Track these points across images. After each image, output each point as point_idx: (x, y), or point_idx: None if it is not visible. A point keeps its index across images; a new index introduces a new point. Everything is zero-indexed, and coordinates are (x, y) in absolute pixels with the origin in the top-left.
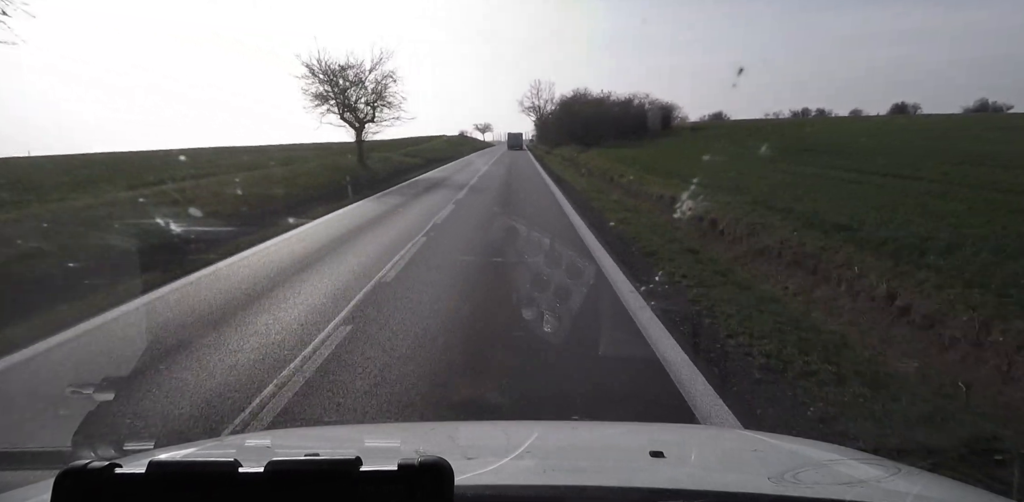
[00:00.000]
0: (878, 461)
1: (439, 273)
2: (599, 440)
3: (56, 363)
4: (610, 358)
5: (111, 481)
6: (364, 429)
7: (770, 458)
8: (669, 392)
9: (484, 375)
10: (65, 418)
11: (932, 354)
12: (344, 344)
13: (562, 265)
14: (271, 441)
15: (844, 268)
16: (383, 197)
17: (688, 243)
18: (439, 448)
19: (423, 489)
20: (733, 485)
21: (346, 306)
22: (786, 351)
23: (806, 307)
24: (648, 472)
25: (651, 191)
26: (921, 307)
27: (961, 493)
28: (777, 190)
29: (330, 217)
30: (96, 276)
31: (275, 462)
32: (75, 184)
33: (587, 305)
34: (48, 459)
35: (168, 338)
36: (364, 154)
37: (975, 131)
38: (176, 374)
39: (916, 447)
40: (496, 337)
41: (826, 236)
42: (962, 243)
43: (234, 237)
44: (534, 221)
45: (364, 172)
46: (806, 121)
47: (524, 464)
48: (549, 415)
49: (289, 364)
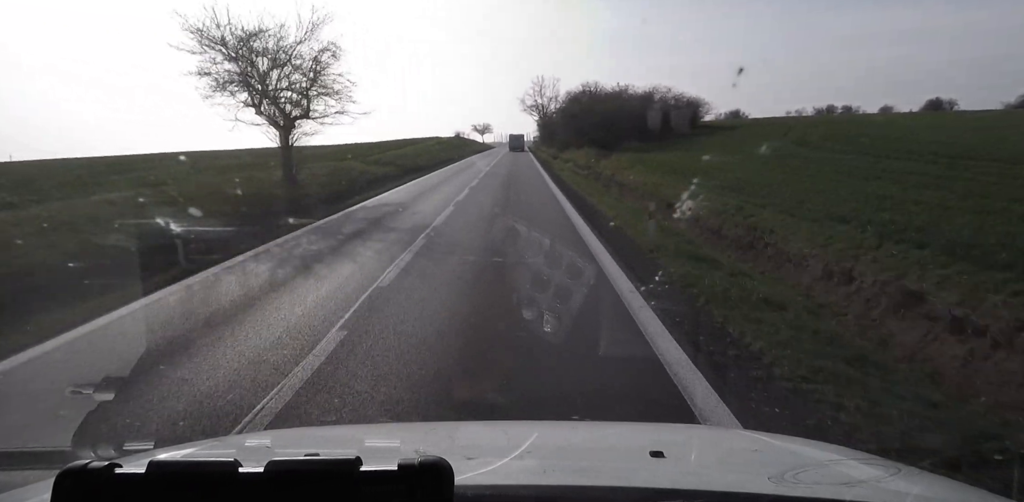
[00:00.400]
0: (878, 461)
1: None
2: (599, 440)
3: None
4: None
5: (111, 481)
6: (364, 429)
7: (770, 458)
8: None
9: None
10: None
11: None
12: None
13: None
14: (271, 441)
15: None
16: (248, 264)
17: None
18: (439, 448)
19: (423, 489)
20: (733, 485)
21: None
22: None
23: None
24: (648, 472)
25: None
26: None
27: (961, 493)
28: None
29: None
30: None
31: (275, 462)
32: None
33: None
34: (48, 459)
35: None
36: (294, 166)
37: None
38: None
39: (916, 447)
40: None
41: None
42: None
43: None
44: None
45: (283, 195)
46: (842, 117)
47: (524, 464)
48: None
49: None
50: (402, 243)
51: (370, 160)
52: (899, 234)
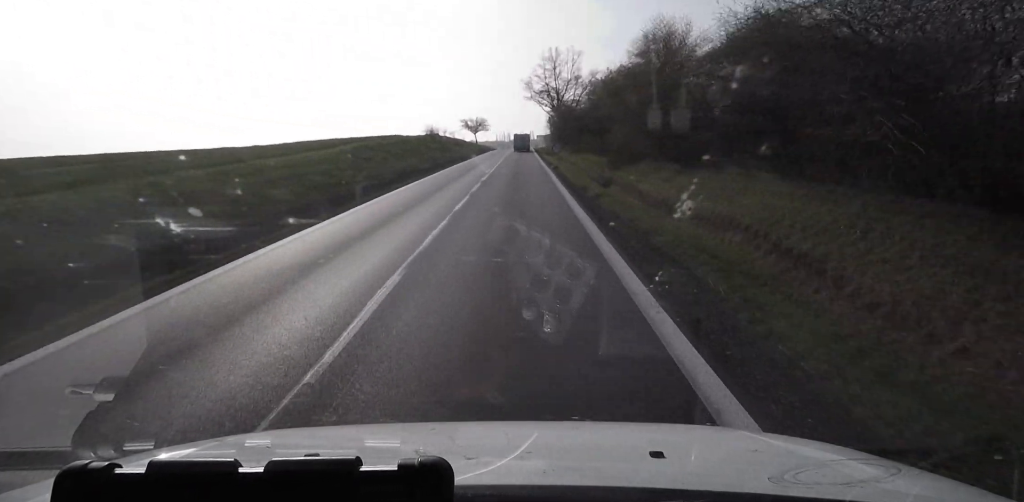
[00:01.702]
0: (878, 461)
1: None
2: (599, 440)
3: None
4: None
5: (111, 481)
6: (364, 429)
7: (770, 458)
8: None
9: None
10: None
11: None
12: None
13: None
14: (271, 441)
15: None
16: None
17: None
18: (439, 448)
19: (423, 489)
20: (733, 485)
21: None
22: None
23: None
24: (648, 472)
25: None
26: None
27: (961, 493)
28: None
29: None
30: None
31: (275, 462)
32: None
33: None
34: (48, 459)
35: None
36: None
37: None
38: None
39: (916, 447)
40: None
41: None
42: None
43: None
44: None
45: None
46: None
47: (524, 464)
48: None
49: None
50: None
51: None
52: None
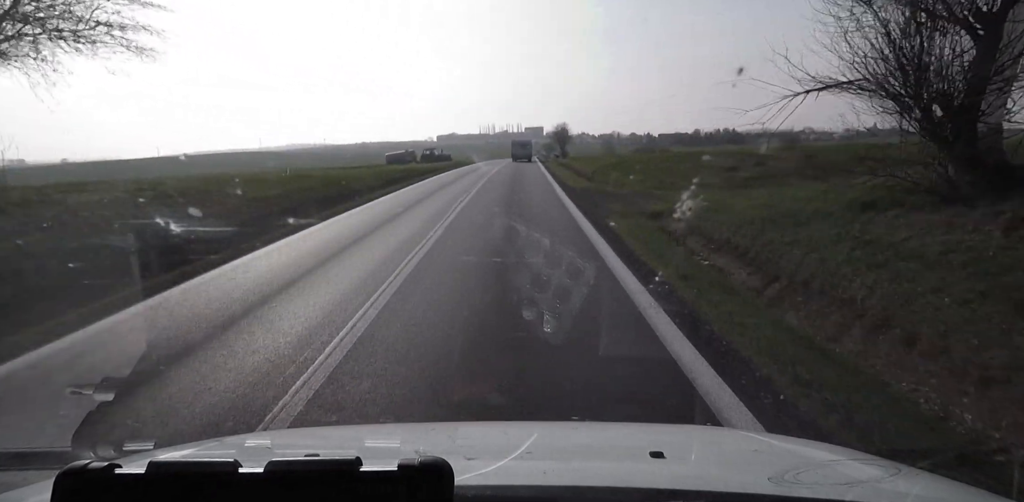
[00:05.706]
0: (878, 461)
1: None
2: (599, 440)
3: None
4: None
5: (111, 481)
6: (364, 429)
7: (770, 458)
8: None
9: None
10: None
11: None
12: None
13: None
14: (271, 441)
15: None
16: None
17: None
18: (439, 448)
19: (423, 489)
20: (733, 485)
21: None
22: None
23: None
24: (648, 472)
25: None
26: None
27: (961, 493)
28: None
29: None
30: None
31: (275, 462)
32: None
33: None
34: (48, 459)
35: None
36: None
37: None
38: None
39: (916, 447)
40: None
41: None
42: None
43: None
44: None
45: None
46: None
47: (524, 464)
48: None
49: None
50: None
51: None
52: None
